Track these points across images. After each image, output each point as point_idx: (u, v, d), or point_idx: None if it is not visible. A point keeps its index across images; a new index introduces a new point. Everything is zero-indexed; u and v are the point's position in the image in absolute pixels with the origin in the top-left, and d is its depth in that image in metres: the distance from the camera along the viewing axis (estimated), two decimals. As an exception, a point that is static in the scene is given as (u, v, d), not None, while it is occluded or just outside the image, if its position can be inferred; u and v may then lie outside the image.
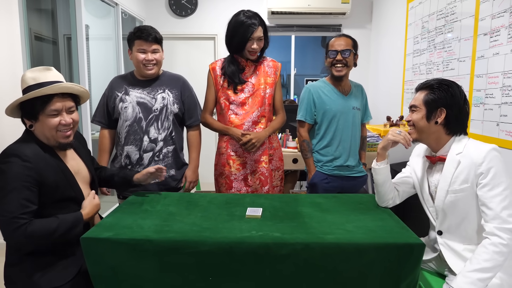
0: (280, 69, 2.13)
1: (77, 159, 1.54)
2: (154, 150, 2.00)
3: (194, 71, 4.15)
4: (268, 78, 2.05)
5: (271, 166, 2.09)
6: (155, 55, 1.97)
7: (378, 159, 1.56)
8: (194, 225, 1.38)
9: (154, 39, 1.94)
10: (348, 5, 4.35)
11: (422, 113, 1.43)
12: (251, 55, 1.99)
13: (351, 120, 2.16)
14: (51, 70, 1.42)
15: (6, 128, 2.40)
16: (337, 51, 2.08)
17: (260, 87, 2.02)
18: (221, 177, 2.08)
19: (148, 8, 4.71)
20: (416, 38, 3.32)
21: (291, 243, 1.24)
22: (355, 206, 1.61)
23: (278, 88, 2.11)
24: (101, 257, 1.27)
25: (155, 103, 2.00)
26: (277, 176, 2.13)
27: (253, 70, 2.05)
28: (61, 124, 1.39)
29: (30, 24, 2.85)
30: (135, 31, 1.96)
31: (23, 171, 1.28)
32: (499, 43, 2.16)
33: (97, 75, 3.77)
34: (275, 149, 2.11)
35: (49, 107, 1.35)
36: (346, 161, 2.16)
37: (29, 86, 1.36)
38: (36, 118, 1.37)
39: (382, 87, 4.31)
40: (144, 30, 1.94)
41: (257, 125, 2.02)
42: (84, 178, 1.53)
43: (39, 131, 1.39)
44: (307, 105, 2.17)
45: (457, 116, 1.41)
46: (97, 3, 3.64)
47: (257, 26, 1.93)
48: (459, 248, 1.41)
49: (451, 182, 1.39)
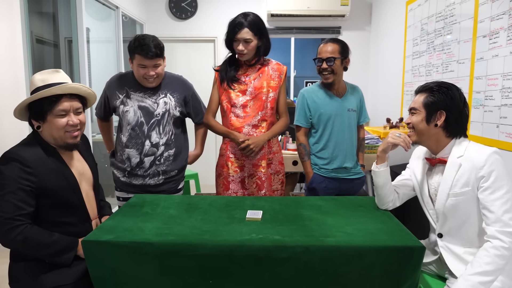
0: (286, 73, 2.12)
1: (82, 161, 1.55)
2: (155, 154, 2.00)
3: (194, 73, 4.16)
4: (272, 81, 2.04)
5: (271, 170, 2.08)
6: (156, 69, 1.91)
7: (378, 162, 1.56)
8: (194, 228, 1.38)
9: (154, 55, 1.86)
10: (347, 7, 4.36)
11: (421, 116, 1.43)
12: (240, 57, 1.99)
13: (346, 122, 2.16)
14: (60, 72, 1.45)
15: (7, 130, 2.40)
16: (322, 59, 2.08)
17: (262, 90, 2.01)
18: (219, 177, 2.09)
19: (149, 11, 4.72)
20: (415, 40, 3.33)
21: (291, 246, 1.24)
22: (355, 208, 1.61)
23: (282, 91, 2.10)
24: (101, 260, 1.27)
25: (157, 108, 1.99)
26: (277, 180, 2.12)
27: (256, 72, 2.03)
28: (69, 125, 1.41)
29: (32, 27, 2.86)
30: (135, 44, 1.86)
31: (21, 174, 1.30)
32: (498, 45, 2.17)
33: (98, 78, 3.77)
34: (274, 153, 2.11)
35: (57, 107, 1.38)
36: (343, 163, 2.16)
37: (38, 87, 1.39)
38: (44, 119, 1.39)
39: (382, 89, 4.31)
40: (144, 45, 1.84)
41: (258, 128, 2.01)
42: (88, 180, 1.55)
43: (47, 132, 1.41)
44: (301, 110, 2.19)
45: (457, 119, 1.41)
46: (97, 6, 3.65)
47: (243, 27, 1.91)
48: (459, 251, 1.41)
49: (452, 185, 1.39)
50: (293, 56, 4.95)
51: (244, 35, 1.92)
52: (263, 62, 2.06)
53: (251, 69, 2.04)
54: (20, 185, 1.29)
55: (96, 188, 1.60)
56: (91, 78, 3.51)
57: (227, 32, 1.97)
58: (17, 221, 1.28)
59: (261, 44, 1.99)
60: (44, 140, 1.42)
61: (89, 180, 1.55)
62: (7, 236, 1.27)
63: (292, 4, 4.37)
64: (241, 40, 1.93)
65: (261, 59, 2.06)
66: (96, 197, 1.59)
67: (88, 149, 1.66)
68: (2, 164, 1.31)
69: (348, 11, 4.39)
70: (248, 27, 1.92)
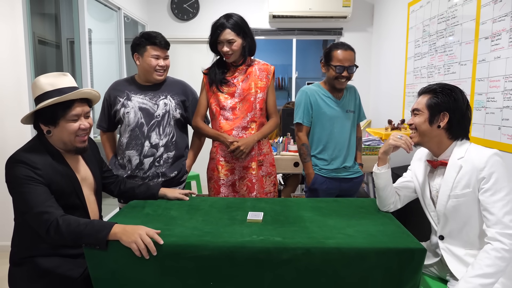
0: (274, 72, 2.11)
1: (85, 166, 1.56)
2: (154, 155, 2.01)
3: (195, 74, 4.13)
4: (259, 82, 2.04)
5: (262, 172, 2.07)
6: (166, 61, 2.01)
7: (379, 164, 1.56)
8: (195, 229, 1.38)
9: (167, 45, 1.99)
10: (349, 8, 4.36)
11: (424, 117, 1.43)
12: (227, 58, 1.99)
13: (345, 123, 2.19)
14: (67, 76, 1.45)
15: (9, 132, 2.41)
16: (344, 67, 2.08)
17: (250, 91, 2.01)
18: (210, 181, 2.08)
19: (150, 12, 4.73)
20: (417, 41, 3.33)
21: (292, 247, 1.24)
22: (356, 210, 1.61)
23: (271, 92, 2.09)
24: (102, 261, 1.27)
25: (157, 108, 2.01)
26: (269, 182, 2.11)
27: (243, 74, 2.03)
28: (80, 129, 1.42)
29: (34, 28, 2.88)
30: (146, 37, 1.97)
31: (31, 174, 1.31)
32: (500, 47, 2.17)
33: (100, 79, 3.78)
34: (265, 154, 2.09)
35: (70, 112, 1.38)
36: (343, 163, 2.18)
37: (48, 92, 1.37)
38: (56, 124, 1.39)
39: (384, 91, 4.31)
40: (157, 36, 1.97)
41: (247, 130, 2.01)
42: (90, 185, 1.55)
43: (57, 136, 1.41)
44: (304, 107, 2.16)
45: (460, 121, 1.41)
46: (100, 7, 3.66)
47: (225, 28, 1.92)
48: (460, 253, 1.40)
49: (452, 187, 1.39)
50: (295, 58, 4.95)
51: (226, 36, 1.93)
52: (250, 63, 2.06)
53: (238, 71, 2.03)
54: (34, 182, 1.30)
55: (98, 193, 1.60)
56: (93, 79, 3.52)
57: (210, 35, 1.99)
58: (50, 207, 1.28)
59: (245, 43, 1.99)
60: (50, 144, 1.42)
61: (90, 185, 1.55)
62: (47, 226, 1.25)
63: (294, 6, 4.38)
64: (225, 42, 1.94)
65: (248, 60, 2.05)
66: (98, 202, 1.60)
67: (95, 154, 1.66)
68: (12, 167, 1.32)
69: (350, 13, 4.39)
70: (229, 27, 1.93)
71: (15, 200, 1.35)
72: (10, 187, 1.33)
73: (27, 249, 1.39)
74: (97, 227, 1.26)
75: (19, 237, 1.41)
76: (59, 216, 1.27)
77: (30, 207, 1.27)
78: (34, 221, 1.28)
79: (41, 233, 1.28)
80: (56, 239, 1.27)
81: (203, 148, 2.29)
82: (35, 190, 1.29)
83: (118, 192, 1.75)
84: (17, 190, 1.30)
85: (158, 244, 1.25)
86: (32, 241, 1.38)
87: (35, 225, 1.28)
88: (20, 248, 1.41)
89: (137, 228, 1.26)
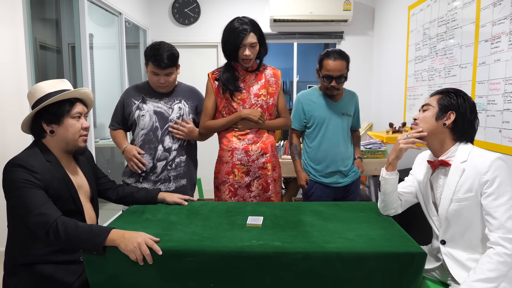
0: (281, 76, 2.12)
1: (80, 174, 1.56)
2: (167, 159, 2.03)
3: (197, 79, 4.15)
4: (270, 87, 2.04)
5: (275, 173, 2.08)
6: (168, 77, 1.97)
7: (389, 169, 1.53)
8: (195, 234, 1.37)
9: (167, 66, 1.91)
10: (350, 12, 4.37)
11: (433, 111, 1.45)
12: (245, 63, 1.95)
13: (340, 125, 2.23)
14: (66, 82, 1.49)
15: (10, 136, 2.41)
16: (332, 77, 2.11)
17: (262, 98, 2.01)
18: (224, 185, 2.06)
19: (152, 17, 4.75)
20: (417, 44, 3.33)
21: (291, 252, 1.23)
22: (356, 214, 1.60)
23: (280, 96, 2.11)
24: (101, 266, 1.27)
25: (172, 112, 2.03)
26: (279, 184, 2.14)
27: (253, 79, 2.02)
28: (83, 128, 1.46)
29: (35, 33, 2.89)
30: (150, 53, 1.92)
31: (29, 178, 1.31)
32: (500, 50, 2.16)
33: (101, 84, 3.80)
34: (276, 157, 2.12)
35: (74, 109, 1.43)
36: (339, 167, 2.24)
37: (50, 93, 1.41)
38: (60, 121, 1.41)
39: (385, 94, 4.31)
40: (158, 55, 1.89)
41: (260, 134, 2.02)
42: (85, 193, 1.56)
43: (61, 135, 1.42)
44: (295, 113, 2.30)
45: (465, 125, 1.42)
46: (101, 12, 3.68)
47: (249, 32, 1.88)
48: (462, 257, 1.39)
49: (455, 190, 1.38)
50: (296, 61, 4.95)
51: (250, 39, 1.89)
52: (259, 67, 2.05)
53: (249, 76, 2.02)
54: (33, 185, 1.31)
55: (94, 200, 1.60)
56: (95, 84, 3.53)
57: (232, 39, 1.90)
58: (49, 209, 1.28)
59: (261, 48, 1.98)
60: (47, 149, 1.43)
61: (86, 193, 1.56)
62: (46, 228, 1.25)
63: (294, 9, 4.39)
64: (247, 45, 1.90)
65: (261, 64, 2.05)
66: (95, 209, 1.60)
67: (90, 162, 1.67)
68: (10, 171, 1.32)
69: (350, 16, 4.40)
70: (254, 31, 1.91)
71: (13, 204, 1.35)
72: (7, 191, 1.33)
73: (20, 255, 1.38)
74: (94, 232, 1.25)
75: (11, 244, 1.40)
76: (58, 218, 1.27)
77: (30, 209, 1.27)
78: (34, 224, 1.27)
79: (40, 236, 1.27)
80: (54, 242, 1.27)
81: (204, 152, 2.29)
82: (34, 193, 1.29)
83: (116, 198, 1.75)
84: (16, 193, 1.30)
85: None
86: (26, 247, 1.37)
87: (34, 227, 1.28)
88: (13, 255, 1.39)
89: (136, 235, 1.24)
